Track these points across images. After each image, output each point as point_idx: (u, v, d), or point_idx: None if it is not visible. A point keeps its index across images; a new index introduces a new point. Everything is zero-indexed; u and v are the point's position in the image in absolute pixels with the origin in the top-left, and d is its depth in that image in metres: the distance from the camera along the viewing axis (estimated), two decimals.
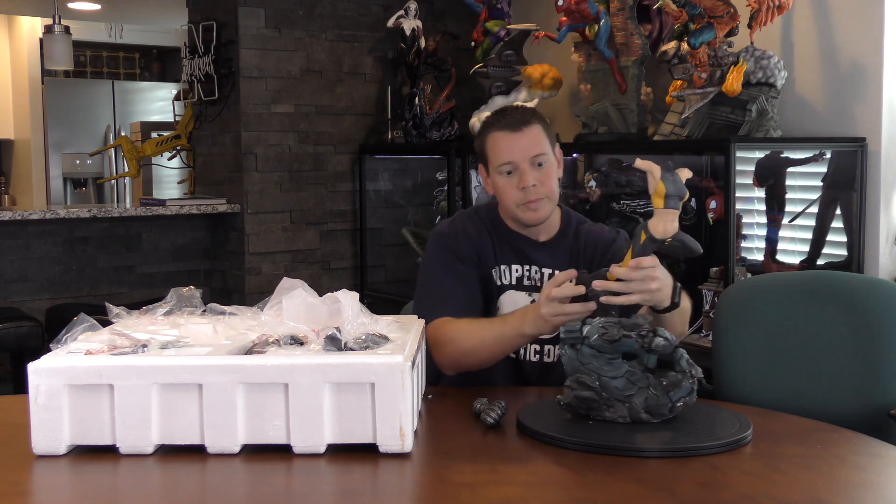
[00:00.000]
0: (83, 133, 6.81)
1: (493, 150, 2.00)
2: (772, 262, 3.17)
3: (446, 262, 2.02)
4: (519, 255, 2.05)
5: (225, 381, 1.45)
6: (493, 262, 2.04)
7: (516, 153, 1.97)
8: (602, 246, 2.06)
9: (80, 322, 1.60)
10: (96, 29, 6.95)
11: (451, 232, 2.06)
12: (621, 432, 1.53)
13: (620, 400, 1.57)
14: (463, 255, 2.03)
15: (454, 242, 2.04)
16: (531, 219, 2.01)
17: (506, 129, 1.99)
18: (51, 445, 1.47)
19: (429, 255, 2.07)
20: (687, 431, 1.53)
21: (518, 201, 1.98)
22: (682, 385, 1.55)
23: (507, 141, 1.98)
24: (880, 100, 2.98)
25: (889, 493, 1.43)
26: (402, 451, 1.45)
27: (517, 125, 1.98)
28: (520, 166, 1.97)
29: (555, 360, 2.02)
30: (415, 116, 4.26)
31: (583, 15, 3.46)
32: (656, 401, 1.55)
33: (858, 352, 1.97)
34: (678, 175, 1.69)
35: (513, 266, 2.05)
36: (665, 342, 1.57)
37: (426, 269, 2.06)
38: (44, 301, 4.29)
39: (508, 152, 1.97)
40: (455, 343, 1.90)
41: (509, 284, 2.04)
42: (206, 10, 4.47)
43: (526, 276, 2.04)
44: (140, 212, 4.29)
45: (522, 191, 1.97)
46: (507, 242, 2.06)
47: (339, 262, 4.57)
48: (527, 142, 1.98)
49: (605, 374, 1.58)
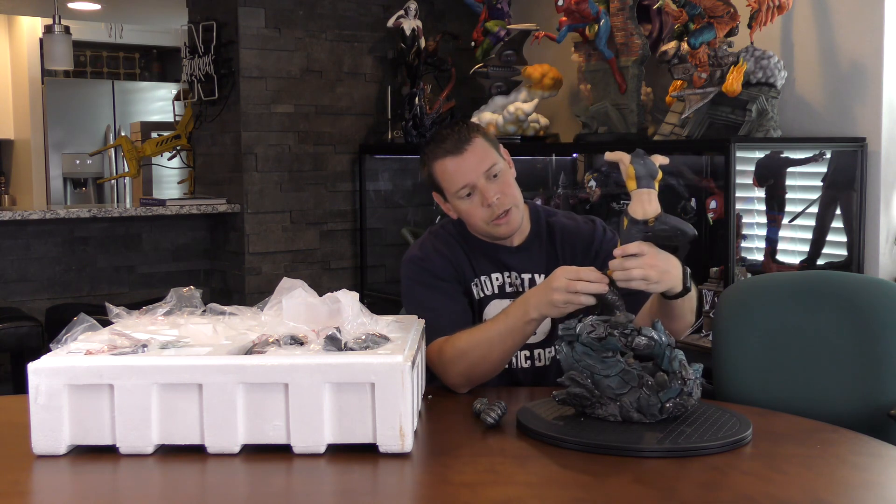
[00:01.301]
0: (83, 133, 6.81)
1: (445, 178, 1.96)
2: (772, 262, 3.17)
3: (426, 282, 1.97)
4: (496, 264, 2.02)
5: (225, 381, 1.45)
6: (472, 275, 2.01)
7: (469, 174, 1.93)
8: (582, 242, 2.04)
9: (80, 322, 1.59)
10: (96, 29, 6.95)
11: (422, 254, 2.01)
12: (621, 432, 1.53)
13: (612, 398, 1.58)
14: (441, 273, 1.98)
15: (429, 263, 1.99)
16: (505, 232, 1.98)
17: (449, 155, 1.94)
18: (51, 445, 1.47)
19: (407, 281, 2.00)
20: (687, 431, 1.53)
21: (487, 219, 1.95)
22: (671, 386, 1.55)
23: (454, 165, 1.94)
24: (880, 100, 2.98)
25: (889, 493, 1.43)
26: (402, 451, 1.45)
27: (459, 147, 1.94)
28: (476, 185, 1.93)
29: (547, 364, 2.02)
30: (415, 116, 4.26)
31: (583, 15, 3.46)
32: (647, 401, 1.55)
33: (858, 352, 1.96)
34: (648, 158, 1.68)
35: (492, 275, 2.02)
36: (647, 341, 1.57)
37: (408, 297, 2.00)
38: (44, 301, 4.29)
39: (461, 176, 1.93)
40: (464, 358, 1.83)
41: (492, 294, 2.01)
42: (206, 10, 4.47)
43: (508, 283, 2.02)
44: (140, 212, 4.29)
45: (488, 208, 1.93)
46: (481, 253, 2.02)
47: (339, 262, 4.57)
48: (474, 160, 1.93)
49: (598, 373, 1.58)
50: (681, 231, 1.68)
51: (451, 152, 1.94)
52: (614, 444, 1.48)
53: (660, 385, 1.54)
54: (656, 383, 1.54)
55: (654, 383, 1.55)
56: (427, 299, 1.95)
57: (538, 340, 2.00)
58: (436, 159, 1.97)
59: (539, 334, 1.98)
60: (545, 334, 2.00)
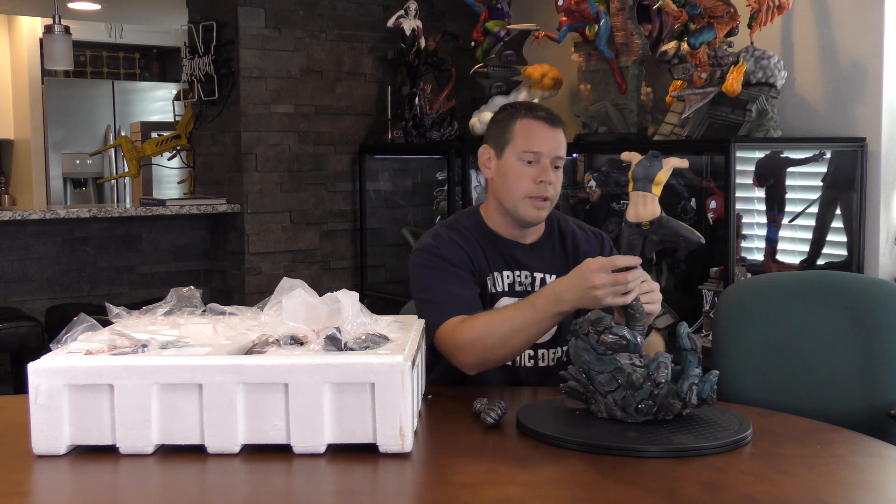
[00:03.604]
0: (83, 133, 6.81)
1: (523, 134, 1.97)
2: (772, 262, 3.17)
3: (440, 267, 1.95)
4: (509, 261, 2.03)
5: (225, 381, 1.45)
6: (488, 269, 2.01)
7: (547, 146, 1.96)
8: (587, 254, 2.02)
9: (80, 322, 1.59)
10: (96, 29, 6.95)
11: (437, 243, 1.99)
12: (621, 432, 1.53)
13: (601, 394, 1.59)
14: (455, 261, 1.97)
15: (443, 250, 1.97)
16: (533, 217, 1.98)
17: (542, 121, 1.97)
18: (51, 445, 1.47)
19: (418, 269, 1.97)
20: (687, 431, 1.53)
21: (529, 193, 1.95)
22: (643, 387, 1.55)
23: (542, 132, 1.96)
24: (880, 100, 2.98)
25: (889, 493, 1.43)
26: (402, 451, 1.45)
27: (553, 122, 1.98)
28: (543, 160, 1.95)
29: (551, 365, 2.02)
30: (415, 116, 4.25)
31: (583, 15, 3.46)
32: (629, 400, 1.56)
33: (858, 352, 1.97)
34: (658, 160, 1.68)
35: (504, 272, 2.02)
36: (615, 338, 1.57)
37: (419, 283, 1.97)
38: (44, 301, 4.29)
39: (540, 143, 1.95)
40: (482, 341, 1.81)
41: (502, 291, 2.01)
42: (206, 10, 4.47)
43: (518, 282, 2.02)
44: (140, 212, 4.29)
45: (539, 184, 1.95)
46: (496, 248, 2.03)
47: (339, 262, 4.57)
48: (557, 141, 1.97)
49: (592, 369, 1.60)
50: (683, 237, 1.67)
51: (544, 120, 1.98)
52: (614, 444, 1.48)
53: (631, 385, 1.55)
54: (628, 383, 1.55)
55: (625, 382, 1.55)
56: (441, 282, 1.93)
57: (544, 341, 2.00)
58: (524, 117, 1.98)
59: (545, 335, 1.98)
60: (551, 335, 2.00)
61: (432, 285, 1.94)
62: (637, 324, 1.68)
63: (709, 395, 1.59)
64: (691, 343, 1.62)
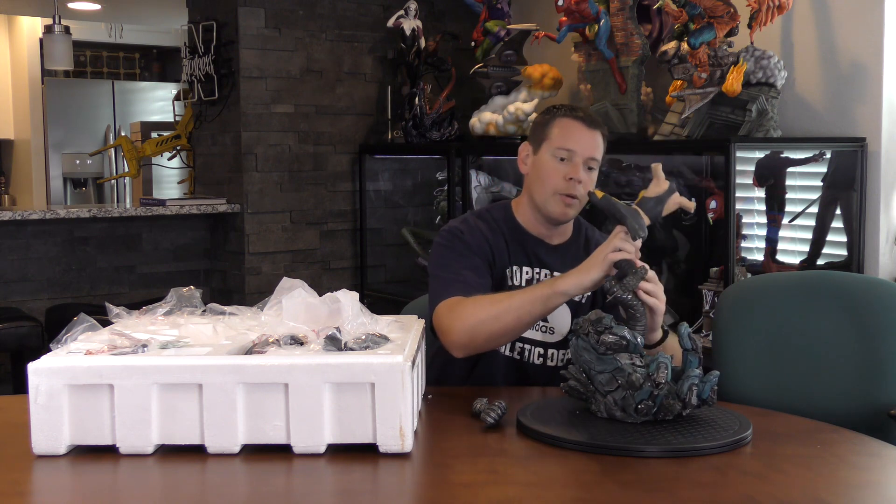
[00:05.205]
0: (83, 133, 6.81)
1: (561, 132, 2.01)
2: (772, 262, 3.17)
3: (459, 250, 1.99)
4: (531, 258, 2.05)
5: (225, 381, 1.45)
6: (508, 262, 2.03)
7: (581, 145, 2.00)
8: None
9: (80, 322, 1.60)
10: (96, 29, 6.94)
11: (464, 228, 2.04)
12: (621, 432, 1.53)
13: (601, 394, 1.59)
14: (476, 249, 2.00)
15: (468, 236, 2.02)
16: (560, 214, 2.01)
17: (581, 122, 2.02)
18: (51, 445, 1.47)
19: (439, 248, 2.02)
20: (687, 431, 1.53)
21: (558, 189, 1.99)
22: (643, 387, 1.55)
23: (578, 131, 2.01)
24: (880, 100, 2.98)
25: (889, 493, 1.43)
26: (402, 451, 1.45)
27: (592, 124, 2.03)
28: (576, 159, 1.99)
29: (558, 364, 2.02)
30: (415, 116, 4.26)
31: (583, 15, 3.46)
32: (628, 400, 1.56)
33: (858, 352, 1.97)
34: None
35: (524, 268, 2.04)
36: (615, 339, 1.58)
37: (436, 261, 2.01)
38: (44, 301, 4.29)
39: (575, 141, 2.00)
40: (475, 314, 1.82)
41: (518, 286, 2.02)
42: (206, 10, 4.47)
43: (535, 279, 2.03)
44: (140, 212, 4.29)
45: (568, 181, 1.98)
46: (520, 244, 2.05)
47: (339, 262, 4.57)
48: (593, 142, 2.01)
49: (592, 368, 1.59)
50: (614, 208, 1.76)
51: (583, 121, 2.03)
52: (614, 444, 1.48)
53: (631, 385, 1.55)
54: (628, 383, 1.55)
55: (625, 382, 1.56)
56: (455, 263, 1.97)
57: (555, 341, 2.02)
58: (564, 117, 2.03)
59: (556, 335, 2.01)
60: (562, 335, 2.02)
61: (446, 264, 1.98)
62: (637, 324, 1.69)
63: (709, 395, 1.59)
64: (692, 343, 1.62)
